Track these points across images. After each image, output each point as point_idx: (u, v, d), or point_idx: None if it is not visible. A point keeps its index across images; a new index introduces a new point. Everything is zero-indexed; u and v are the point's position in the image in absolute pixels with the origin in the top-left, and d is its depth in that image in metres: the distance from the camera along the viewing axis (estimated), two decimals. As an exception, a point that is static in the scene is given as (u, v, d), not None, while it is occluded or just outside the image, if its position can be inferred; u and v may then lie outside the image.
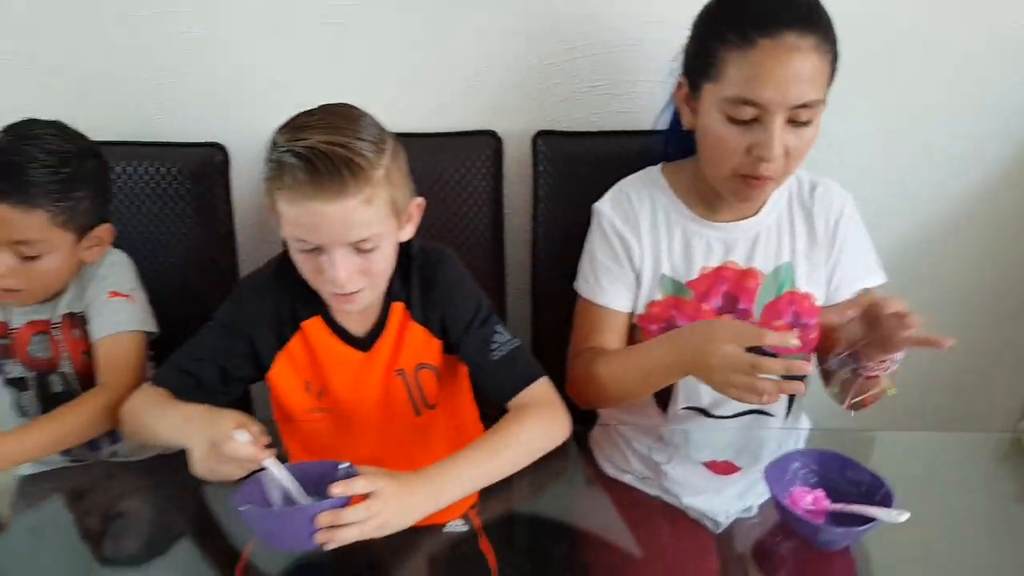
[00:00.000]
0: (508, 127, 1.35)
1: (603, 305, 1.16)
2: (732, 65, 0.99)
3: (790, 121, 1.00)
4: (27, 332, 1.19)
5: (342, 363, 1.08)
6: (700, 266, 1.14)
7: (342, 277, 0.95)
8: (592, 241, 1.19)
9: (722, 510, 1.08)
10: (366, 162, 0.92)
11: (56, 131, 1.12)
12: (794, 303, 1.14)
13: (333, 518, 0.80)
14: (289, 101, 1.32)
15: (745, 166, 1.03)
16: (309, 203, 0.91)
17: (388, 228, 0.98)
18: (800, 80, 0.97)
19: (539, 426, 1.01)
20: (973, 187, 1.43)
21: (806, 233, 1.15)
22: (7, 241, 1.08)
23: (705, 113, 1.05)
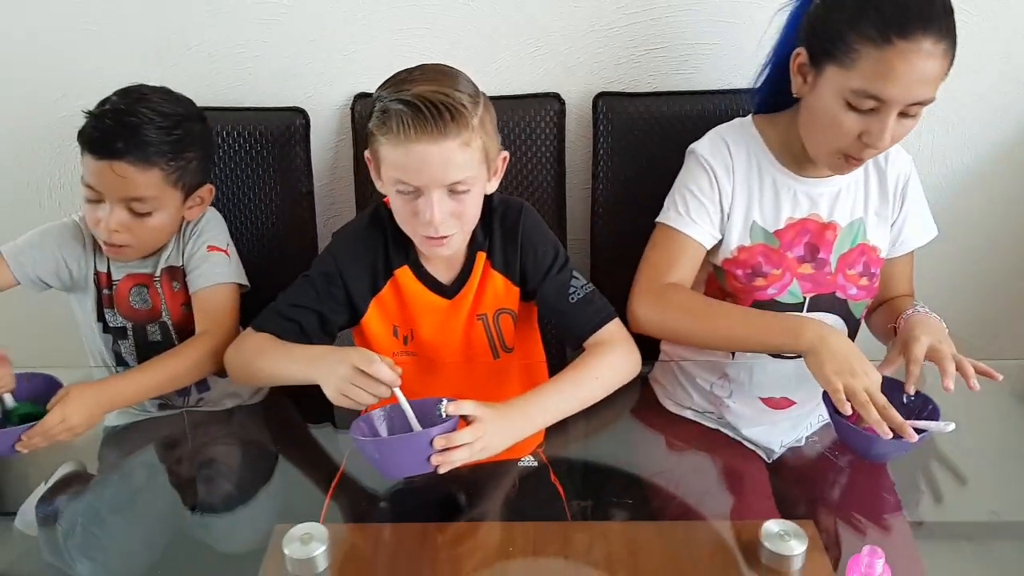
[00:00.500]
0: (570, 89, 1.42)
1: (687, 235, 1.19)
2: (865, 59, 1.02)
3: (901, 113, 1.04)
4: (127, 284, 1.26)
5: (429, 310, 1.15)
6: (787, 216, 1.19)
7: (438, 218, 1.02)
8: (686, 176, 1.22)
9: (776, 440, 1.18)
10: (465, 109, 1.00)
11: (166, 95, 1.19)
12: (865, 254, 1.21)
13: (448, 440, 0.88)
14: (363, 68, 1.43)
15: (852, 148, 1.08)
16: (414, 145, 0.98)
17: (480, 174, 1.05)
18: (924, 82, 1.02)
19: (615, 362, 1.08)
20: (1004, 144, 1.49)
21: (878, 191, 1.21)
22: (122, 197, 1.15)
23: (823, 91, 1.07)
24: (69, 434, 1.05)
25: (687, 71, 1.42)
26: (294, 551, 0.86)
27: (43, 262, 1.24)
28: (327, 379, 0.97)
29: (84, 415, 1.05)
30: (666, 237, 1.22)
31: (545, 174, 1.43)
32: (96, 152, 1.14)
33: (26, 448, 1.02)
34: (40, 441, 1.03)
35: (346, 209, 1.53)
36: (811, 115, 1.11)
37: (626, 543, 0.92)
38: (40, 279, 1.25)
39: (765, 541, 0.87)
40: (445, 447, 0.89)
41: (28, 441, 1.02)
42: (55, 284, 1.27)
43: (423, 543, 0.93)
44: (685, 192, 1.21)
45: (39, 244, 1.24)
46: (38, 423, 1.02)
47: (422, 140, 0.98)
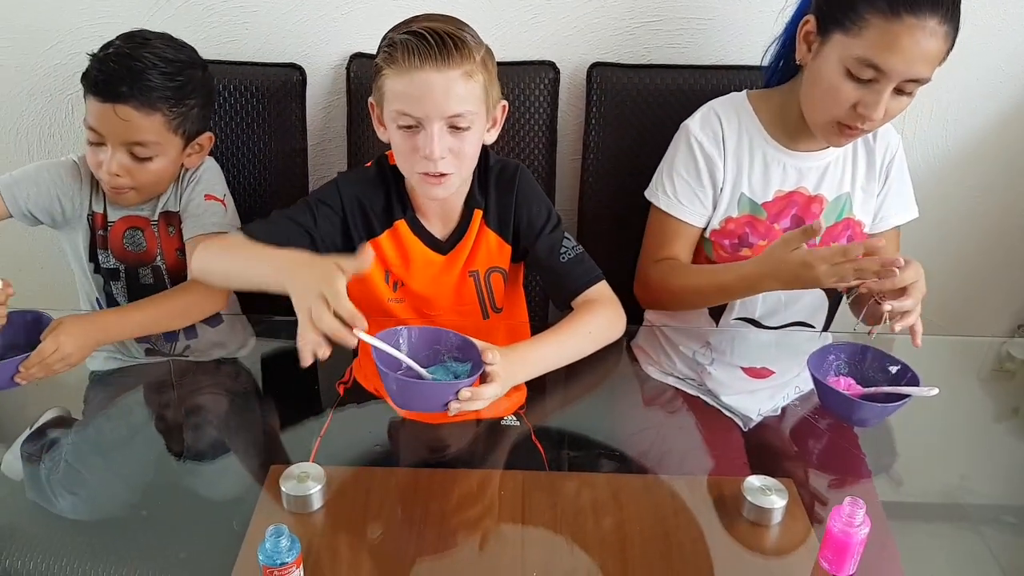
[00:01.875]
0: (565, 58, 1.44)
1: (678, 218, 1.24)
2: (873, 29, 1.05)
3: (897, 89, 1.08)
4: (122, 226, 1.27)
5: (423, 263, 1.17)
6: (775, 189, 1.23)
7: (437, 151, 1.03)
8: (675, 156, 1.25)
9: (754, 408, 1.21)
10: (470, 42, 1.04)
11: (169, 41, 1.19)
12: (849, 228, 1.25)
13: (474, 394, 0.90)
14: (359, 29, 1.43)
15: (847, 118, 1.11)
16: (417, 72, 1.01)
17: (480, 112, 1.06)
18: (925, 60, 1.05)
19: (604, 319, 1.11)
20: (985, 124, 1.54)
21: (865, 167, 1.25)
22: (125, 141, 1.16)
23: (826, 58, 1.11)
24: (64, 364, 1.05)
25: (681, 45, 1.44)
26: (291, 488, 0.88)
27: (36, 197, 1.23)
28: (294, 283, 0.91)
29: (78, 343, 1.06)
30: (658, 221, 1.27)
31: (537, 142, 1.45)
32: (100, 95, 1.14)
33: (25, 380, 1.03)
34: (38, 371, 1.03)
35: (337, 169, 1.53)
36: (812, 82, 1.14)
37: (612, 493, 0.95)
38: (31, 213, 1.24)
39: (747, 495, 0.91)
40: (469, 399, 0.90)
41: (26, 372, 1.02)
42: (45, 220, 1.26)
43: (415, 486, 0.95)
44: (674, 174, 1.24)
45: (35, 178, 1.23)
46: (33, 353, 1.02)
47: (426, 67, 1.01)
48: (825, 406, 1.08)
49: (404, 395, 0.93)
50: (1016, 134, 1.53)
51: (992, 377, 1.32)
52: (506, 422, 1.15)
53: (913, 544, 0.99)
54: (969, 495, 1.05)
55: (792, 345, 1.32)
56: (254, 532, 0.86)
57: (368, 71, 1.39)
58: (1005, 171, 1.56)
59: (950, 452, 1.13)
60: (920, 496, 1.08)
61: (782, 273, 1.09)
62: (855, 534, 0.80)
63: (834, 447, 1.13)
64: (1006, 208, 1.60)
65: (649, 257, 1.27)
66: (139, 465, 1.08)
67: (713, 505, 0.93)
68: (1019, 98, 1.50)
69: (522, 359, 1.01)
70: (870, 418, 1.04)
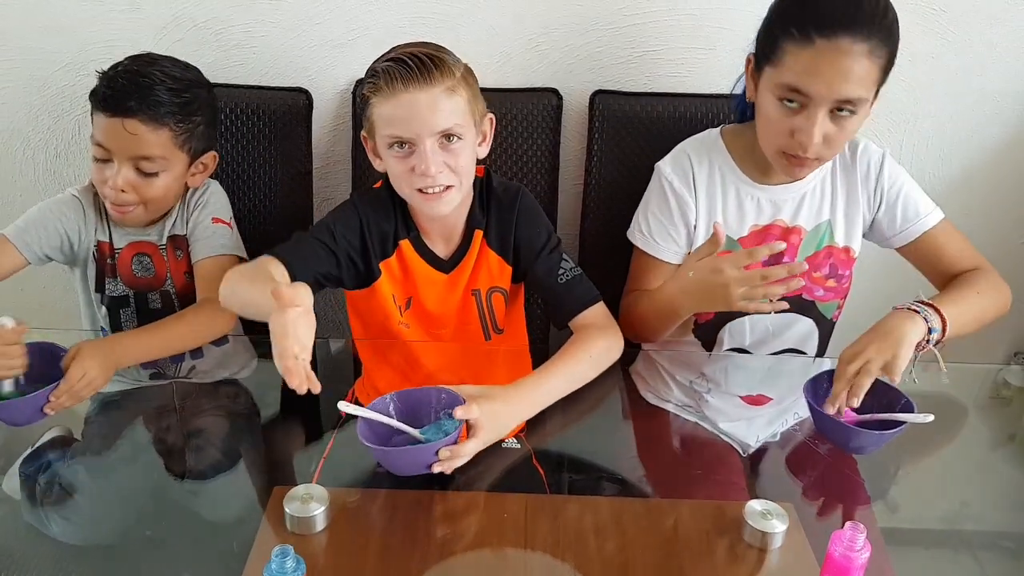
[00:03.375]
0: (568, 85, 1.46)
1: (654, 256, 1.27)
2: (790, 56, 1.08)
3: (834, 112, 1.08)
4: (130, 252, 1.28)
5: (428, 282, 1.19)
6: (751, 224, 1.24)
7: (432, 167, 1.06)
8: (650, 197, 1.28)
9: (753, 435, 1.22)
10: (448, 61, 1.07)
11: (175, 61, 1.22)
12: (832, 256, 1.25)
13: (452, 452, 0.92)
14: (365, 55, 1.44)
15: (789, 147, 1.13)
16: (402, 95, 1.05)
17: (468, 126, 1.09)
18: (847, 80, 1.05)
19: (602, 343, 1.13)
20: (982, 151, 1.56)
21: (844, 192, 1.25)
22: (132, 156, 1.18)
23: (762, 91, 1.14)
24: (91, 389, 1.06)
25: (683, 74, 1.47)
26: (295, 510, 0.88)
27: (47, 238, 1.25)
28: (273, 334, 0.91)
29: (101, 367, 1.07)
30: (638, 258, 1.30)
31: (539, 167, 1.47)
32: (109, 109, 1.16)
33: (54, 409, 1.03)
34: (67, 400, 1.04)
35: (341, 193, 1.55)
36: (758, 116, 1.18)
37: (614, 517, 0.95)
38: (46, 255, 1.26)
39: (748, 519, 0.91)
40: (449, 458, 0.92)
41: (56, 402, 1.03)
42: (58, 258, 1.28)
43: (418, 509, 0.95)
44: (648, 214, 1.27)
45: (40, 221, 1.25)
46: (61, 382, 1.03)
47: (409, 88, 1.04)
48: (822, 433, 1.09)
49: (389, 463, 0.96)
50: (1012, 161, 1.56)
51: (989, 404, 1.33)
52: (507, 445, 1.16)
53: (911, 570, 0.99)
54: (967, 521, 1.06)
55: (788, 371, 1.33)
56: (257, 553, 0.86)
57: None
58: (1002, 198, 1.59)
59: (947, 479, 1.14)
60: (918, 522, 1.08)
61: (693, 284, 1.10)
62: (856, 559, 0.80)
63: (833, 472, 1.13)
64: (1002, 235, 1.62)
65: (626, 292, 1.30)
66: (138, 488, 1.07)
67: (715, 529, 0.94)
68: (1016, 124, 1.52)
69: (524, 396, 1.03)
70: (866, 445, 1.05)
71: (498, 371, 1.25)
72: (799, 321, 1.27)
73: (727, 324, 1.27)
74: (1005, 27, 1.44)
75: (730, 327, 1.28)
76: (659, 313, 1.19)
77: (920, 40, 1.44)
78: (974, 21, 1.43)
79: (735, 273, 1.03)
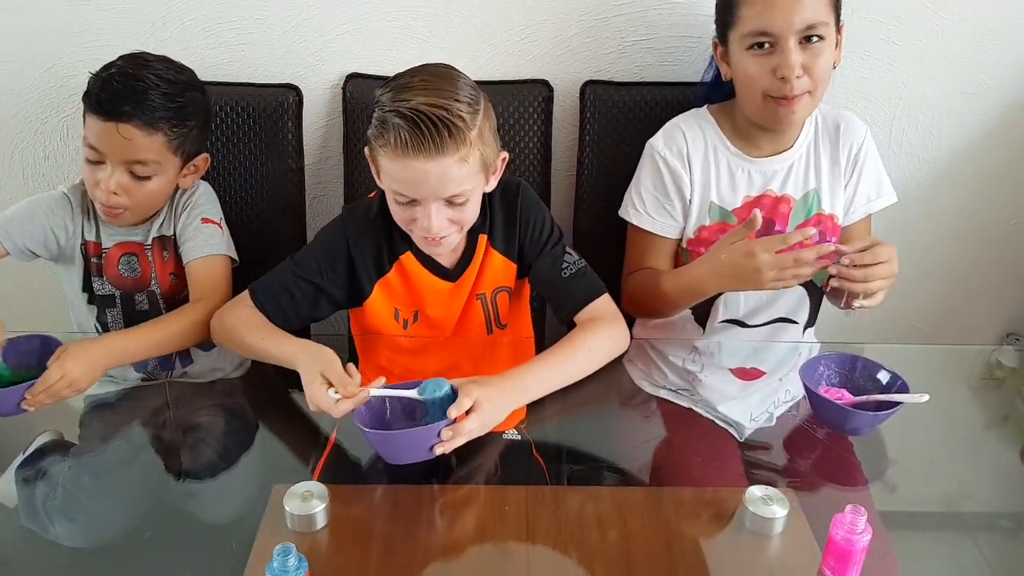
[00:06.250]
0: (559, 76, 1.46)
1: (652, 232, 1.29)
2: (745, 6, 1.17)
3: (803, 43, 1.15)
4: (117, 252, 1.27)
5: (433, 293, 1.18)
6: (743, 195, 1.28)
7: (435, 227, 1.05)
8: (643, 174, 1.31)
9: (746, 413, 1.22)
10: (463, 123, 1.00)
11: (169, 63, 1.21)
12: (821, 223, 1.29)
13: (455, 431, 0.92)
14: (355, 49, 1.45)
15: (773, 88, 1.17)
16: (411, 160, 1.00)
17: (478, 183, 1.07)
18: (803, 7, 1.13)
19: (605, 336, 1.12)
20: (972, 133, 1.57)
21: (829, 160, 1.29)
22: (124, 160, 1.17)
23: (734, 56, 1.21)
24: (71, 390, 1.05)
25: (672, 63, 1.47)
26: (295, 508, 0.88)
27: (32, 233, 1.24)
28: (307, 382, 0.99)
29: (84, 369, 1.06)
30: (635, 236, 1.32)
31: (532, 159, 1.47)
32: (103, 113, 1.15)
33: (31, 406, 1.03)
34: (44, 398, 1.03)
35: (334, 188, 1.55)
36: (737, 81, 1.23)
37: (615, 506, 0.96)
38: (29, 249, 1.25)
39: (749, 505, 0.91)
40: (452, 438, 0.92)
41: (32, 399, 1.02)
42: (43, 254, 1.27)
43: (419, 504, 0.95)
44: (642, 190, 1.30)
45: (27, 215, 1.24)
46: (39, 380, 1.02)
47: (419, 157, 0.99)
48: (818, 416, 1.10)
49: (388, 448, 0.96)
50: (1000, 142, 1.57)
51: (982, 385, 1.34)
52: (507, 436, 1.16)
53: (911, 551, 1.00)
54: (964, 502, 1.07)
55: (778, 347, 1.35)
56: (258, 552, 0.86)
57: (364, 91, 1.42)
58: (990, 180, 1.60)
59: (942, 460, 1.15)
60: (915, 504, 1.09)
61: (725, 267, 1.14)
62: (857, 542, 0.81)
63: (830, 455, 1.14)
64: (992, 216, 1.63)
65: (629, 270, 1.32)
66: (139, 489, 1.07)
67: (715, 516, 0.94)
68: (1003, 107, 1.53)
69: (517, 384, 1.02)
70: (862, 426, 1.06)
71: (501, 360, 1.24)
72: (791, 289, 1.29)
73: (722, 295, 1.29)
74: (995, 10, 1.45)
75: (725, 298, 1.30)
76: (684, 292, 1.22)
77: (913, 22, 1.45)
78: (963, 4, 1.44)
79: (767, 257, 1.08)
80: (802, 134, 1.29)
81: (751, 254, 1.09)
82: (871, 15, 1.43)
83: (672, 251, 1.32)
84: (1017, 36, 1.47)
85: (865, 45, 1.45)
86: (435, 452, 0.92)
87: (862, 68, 1.48)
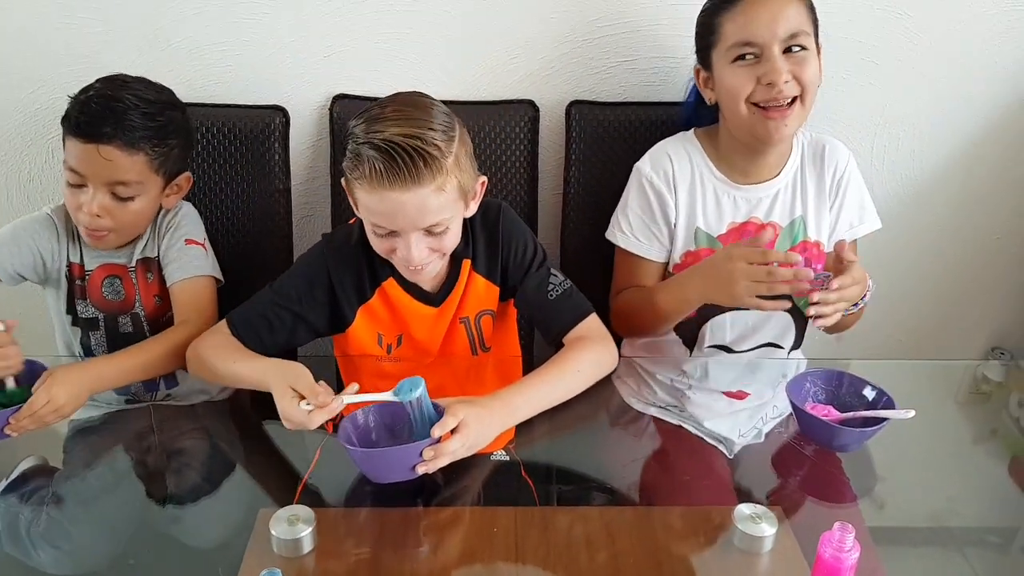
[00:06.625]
0: (545, 97, 1.47)
1: (639, 255, 1.30)
2: (727, 22, 1.19)
3: (787, 52, 1.17)
4: (101, 274, 1.26)
5: (417, 318, 1.17)
6: (729, 221, 1.28)
7: (415, 257, 1.05)
8: (629, 196, 1.31)
9: (734, 429, 1.22)
10: (439, 152, 0.99)
11: (147, 84, 1.21)
12: (806, 251, 1.29)
13: (436, 451, 0.91)
14: (342, 70, 1.45)
15: (760, 96, 1.18)
16: (386, 192, 0.99)
17: (456, 211, 1.06)
18: (784, 17, 1.16)
19: (593, 356, 1.12)
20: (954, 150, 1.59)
21: (815, 187, 1.30)
22: (107, 181, 1.16)
23: (719, 73, 1.22)
24: (56, 416, 1.04)
25: (656, 83, 1.48)
26: (281, 532, 0.87)
27: (20, 256, 1.23)
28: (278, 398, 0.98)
29: (70, 395, 1.05)
30: (622, 258, 1.33)
31: (519, 178, 1.48)
32: (83, 136, 1.14)
33: (15, 432, 1.02)
34: (29, 423, 1.02)
35: (321, 208, 1.55)
36: (722, 100, 1.24)
37: (604, 526, 0.95)
38: (18, 273, 1.24)
39: (738, 523, 0.91)
40: (434, 457, 0.91)
41: (17, 424, 1.01)
42: (31, 277, 1.26)
43: (406, 527, 0.95)
44: (629, 213, 1.30)
45: (13, 238, 1.24)
46: (24, 405, 1.01)
47: (395, 188, 0.99)
48: (805, 433, 1.10)
49: (372, 466, 0.95)
50: (985, 157, 1.59)
51: (969, 400, 1.35)
52: (495, 457, 1.15)
53: (900, 568, 1.00)
54: (953, 517, 1.07)
55: (766, 366, 1.35)
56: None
57: (351, 112, 1.41)
58: (975, 194, 1.61)
59: (931, 475, 1.15)
60: (904, 520, 1.09)
61: (706, 269, 1.16)
62: (846, 559, 0.81)
63: (818, 472, 1.14)
64: (976, 230, 1.65)
65: (616, 291, 1.33)
66: (123, 514, 1.05)
67: (704, 535, 0.94)
68: (988, 121, 1.55)
69: (505, 404, 1.02)
70: (850, 443, 1.07)
71: (488, 382, 1.23)
72: (776, 315, 1.30)
73: (709, 321, 1.30)
74: (978, 28, 1.47)
75: (712, 323, 1.30)
76: (670, 299, 1.23)
77: (892, 42, 1.47)
78: (947, 23, 1.46)
79: (743, 266, 1.09)
80: (789, 161, 1.30)
81: (729, 257, 1.11)
82: (851, 36, 1.45)
83: (659, 274, 1.32)
84: (998, 50, 1.49)
85: (845, 65, 1.47)
86: (417, 471, 0.91)
87: (843, 89, 1.49)
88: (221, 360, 1.10)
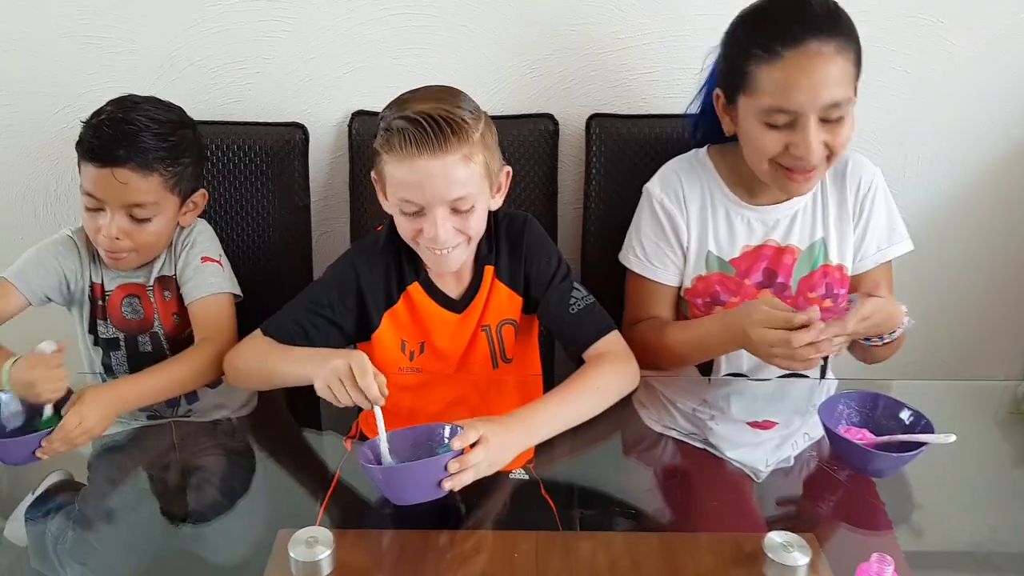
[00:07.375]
0: (564, 110, 1.46)
1: (653, 280, 1.25)
2: (763, 77, 1.07)
3: (823, 120, 1.07)
4: (120, 294, 1.27)
5: (440, 324, 1.17)
6: (742, 245, 1.23)
7: (442, 235, 1.05)
8: (641, 219, 1.27)
9: (761, 459, 1.17)
10: (466, 124, 1.03)
11: (157, 103, 1.22)
12: (827, 275, 1.23)
13: (461, 463, 0.90)
14: (361, 87, 1.45)
15: (784, 160, 1.11)
16: (416, 160, 1.01)
17: (482, 191, 1.08)
18: (828, 84, 1.04)
19: (615, 373, 1.10)
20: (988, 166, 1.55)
21: (837, 206, 1.23)
22: (124, 204, 1.17)
23: (744, 121, 1.13)
24: (87, 437, 1.04)
25: (676, 95, 1.46)
26: (300, 554, 0.85)
27: (46, 277, 1.25)
28: (320, 371, 0.98)
29: (100, 416, 1.05)
30: (636, 281, 1.28)
31: (538, 193, 1.46)
32: (97, 160, 1.15)
33: (47, 454, 1.02)
34: (60, 446, 1.02)
35: (341, 225, 1.54)
36: (744, 143, 1.16)
37: (628, 552, 0.92)
38: (45, 295, 1.26)
39: (768, 552, 0.87)
40: (459, 470, 0.90)
41: (48, 447, 1.01)
42: (56, 298, 1.28)
43: (426, 549, 0.92)
44: (642, 237, 1.26)
45: (39, 261, 1.25)
46: (56, 428, 1.01)
47: (424, 155, 1.01)
48: (839, 457, 1.06)
49: (394, 485, 0.94)
50: (1013, 178, 1.54)
51: (1009, 420, 1.30)
52: (515, 476, 1.13)
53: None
54: (994, 544, 1.02)
55: (791, 394, 1.30)
56: (262, 600, 0.83)
57: (370, 128, 1.41)
58: (1009, 210, 1.57)
59: (970, 499, 1.10)
60: (942, 546, 1.04)
61: (728, 325, 1.11)
62: (883, 591, 0.77)
63: (851, 497, 1.10)
64: (1012, 247, 1.60)
65: (631, 319, 1.27)
66: (147, 532, 1.05)
67: (734, 564, 0.90)
68: (1017, 140, 1.51)
69: (525, 423, 1.00)
70: (886, 468, 1.02)
71: (508, 398, 1.22)
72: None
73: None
74: (1005, 45, 1.43)
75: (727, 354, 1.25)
76: (690, 343, 1.18)
77: (919, 59, 1.44)
78: (974, 40, 1.43)
79: (762, 332, 1.03)
80: None
81: (751, 320, 1.05)
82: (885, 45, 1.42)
83: (674, 298, 1.27)
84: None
85: (873, 84, 1.41)
86: (444, 488, 0.90)
87: (871, 107, 1.45)
88: (272, 359, 1.10)
